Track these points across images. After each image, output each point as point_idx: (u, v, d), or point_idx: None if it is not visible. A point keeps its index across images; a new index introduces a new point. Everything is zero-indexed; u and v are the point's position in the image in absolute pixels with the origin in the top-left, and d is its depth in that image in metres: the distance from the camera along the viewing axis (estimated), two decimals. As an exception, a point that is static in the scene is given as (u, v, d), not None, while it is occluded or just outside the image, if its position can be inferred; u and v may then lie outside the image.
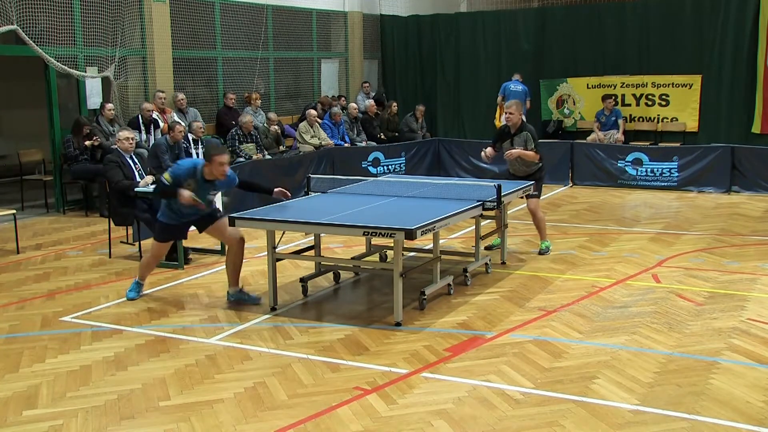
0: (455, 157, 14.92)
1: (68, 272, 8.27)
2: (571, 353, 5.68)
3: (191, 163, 7.04)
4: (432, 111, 17.16)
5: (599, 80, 15.88)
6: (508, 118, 8.60)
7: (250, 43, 14.65)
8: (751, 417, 4.61)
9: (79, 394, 5.08)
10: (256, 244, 9.35)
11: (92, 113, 12.01)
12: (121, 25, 12.19)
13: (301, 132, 13.60)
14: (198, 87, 13.85)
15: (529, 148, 8.44)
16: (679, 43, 15.03)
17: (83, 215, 11.49)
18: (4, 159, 14.43)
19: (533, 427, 4.52)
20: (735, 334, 6.03)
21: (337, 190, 8.09)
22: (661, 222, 10.57)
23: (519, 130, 8.51)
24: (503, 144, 8.66)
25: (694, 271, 7.92)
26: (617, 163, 13.57)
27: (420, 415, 4.69)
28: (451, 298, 7.07)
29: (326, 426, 4.58)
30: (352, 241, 9.18)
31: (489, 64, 16.98)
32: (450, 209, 6.79)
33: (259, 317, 6.61)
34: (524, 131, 8.50)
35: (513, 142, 8.53)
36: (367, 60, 17.66)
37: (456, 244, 9.29)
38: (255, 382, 5.21)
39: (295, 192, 11.61)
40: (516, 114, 8.49)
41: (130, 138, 8.75)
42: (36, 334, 6.29)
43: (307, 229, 7.13)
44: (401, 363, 5.52)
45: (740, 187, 12.80)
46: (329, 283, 7.70)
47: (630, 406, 4.77)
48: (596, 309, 6.71)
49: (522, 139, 8.47)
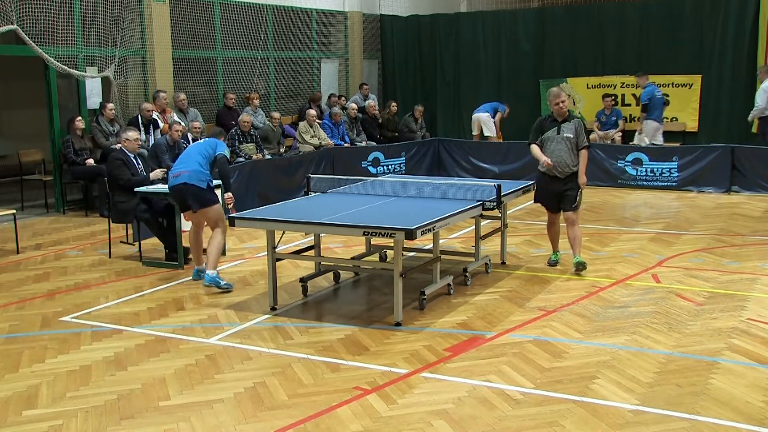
0: (455, 157, 14.93)
1: (68, 272, 8.27)
2: (571, 353, 5.68)
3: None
4: (432, 111, 17.15)
5: (599, 80, 15.86)
6: (560, 107, 7.79)
7: (250, 43, 14.64)
8: (751, 417, 4.61)
9: (79, 394, 5.08)
10: (256, 244, 9.36)
11: (92, 113, 12.01)
12: (121, 25, 12.19)
13: (301, 132, 13.60)
14: (198, 87, 13.84)
15: (581, 143, 7.77)
16: (679, 43, 15.02)
17: (83, 215, 11.49)
18: (4, 159, 14.43)
19: (533, 427, 4.52)
20: (735, 334, 6.03)
21: (337, 190, 8.09)
22: (661, 222, 10.57)
23: (566, 119, 7.83)
24: (549, 134, 7.85)
25: (694, 271, 7.92)
26: (617, 163, 13.57)
27: (420, 415, 4.69)
28: (451, 298, 7.07)
29: (326, 426, 4.58)
30: (352, 241, 9.18)
31: (489, 64, 16.98)
32: (450, 209, 6.78)
33: (259, 317, 6.61)
34: (574, 119, 7.87)
35: (561, 130, 7.77)
36: (366, 60, 17.65)
37: (456, 244, 9.29)
38: (255, 382, 5.21)
39: (295, 192, 11.69)
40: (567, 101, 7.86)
41: (138, 139, 8.83)
42: (36, 334, 6.29)
43: (307, 229, 7.13)
44: (401, 363, 5.52)
45: (740, 187, 12.81)
46: (329, 283, 7.70)
47: (630, 406, 4.77)
48: (596, 309, 6.71)
49: (573, 126, 7.77)
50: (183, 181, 7.53)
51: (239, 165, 11.53)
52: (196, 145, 7.93)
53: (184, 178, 7.53)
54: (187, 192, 7.52)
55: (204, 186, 7.53)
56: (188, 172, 7.53)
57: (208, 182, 7.58)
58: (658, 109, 14.00)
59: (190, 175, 7.52)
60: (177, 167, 7.73)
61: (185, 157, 7.77)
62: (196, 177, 7.52)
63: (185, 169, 7.58)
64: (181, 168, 7.63)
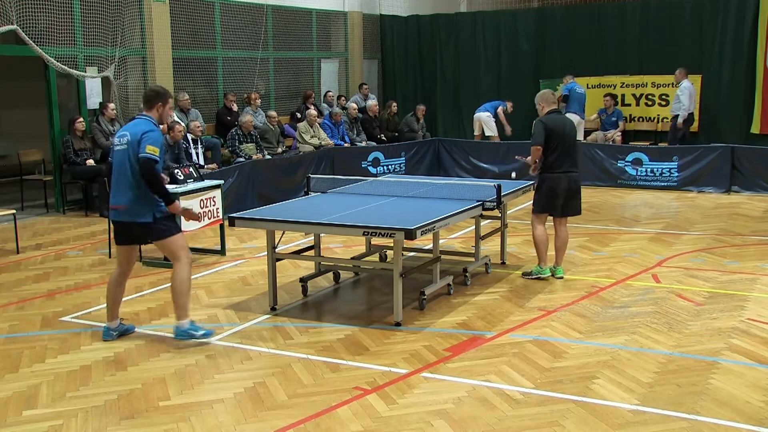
0: (455, 157, 14.94)
1: (68, 272, 8.27)
2: (571, 353, 5.68)
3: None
4: (432, 111, 17.15)
5: (599, 80, 15.87)
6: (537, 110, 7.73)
7: (250, 43, 14.65)
8: (751, 417, 4.61)
9: (79, 394, 5.08)
10: (256, 244, 9.36)
11: (92, 113, 12.01)
12: (121, 25, 12.19)
13: (301, 132, 13.60)
14: (198, 87, 13.84)
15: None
16: (679, 43, 15.02)
17: (83, 215, 11.49)
18: (4, 159, 14.44)
19: (533, 427, 4.52)
20: (735, 334, 6.04)
21: (337, 190, 8.09)
22: (661, 222, 10.57)
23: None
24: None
25: (694, 271, 7.92)
26: (617, 163, 13.58)
27: (420, 415, 4.69)
28: (451, 298, 7.07)
29: (326, 426, 4.58)
30: (352, 241, 9.18)
31: (489, 64, 16.98)
32: (450, 209, 6.78)
33: (259, 317, 6.62)
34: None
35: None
36: (367, 60, 17.65)
37: (456, 244, 9.29)
38: (255, 382, 5.21)
39: (295, 192, 11.69)
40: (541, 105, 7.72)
41: None
42: (36, 334, 6.29)
43: (307, 229, 7.13)
44: (401, 363, 5.52)
45: (740, 187, 12.81)
46: (329, 283, 7.70)
47: (630, 406, 4.77)
48: (596, 309, 6.71)
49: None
50: (120, 219, 5.87)
51: (239, 165, 11.54)
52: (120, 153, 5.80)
53: (121, 215, 5.83)
54: (132, 231, 5.92)
55: (150, 219, 5.77)
56: (124, 208, 5.78)
57: (153, 213, 5.79)
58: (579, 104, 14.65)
59: (128, 211, 5.78)
60: (112, 193, 5.92)
61: (116, 177, 5.86)
62: (133, 211, 5.77)
63: (119, 202, 5.82)
64: (116, 199, 5.85)
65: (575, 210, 7.67)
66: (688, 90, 13.82)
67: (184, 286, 5.83)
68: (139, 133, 5.74)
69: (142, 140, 5.69)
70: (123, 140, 5.80)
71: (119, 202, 5.82)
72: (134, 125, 5.89)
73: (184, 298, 5.85)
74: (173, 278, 5.85)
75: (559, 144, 7.45)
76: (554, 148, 7.45)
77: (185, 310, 5.89)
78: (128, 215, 5.79)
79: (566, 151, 7.48)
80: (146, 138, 5.70)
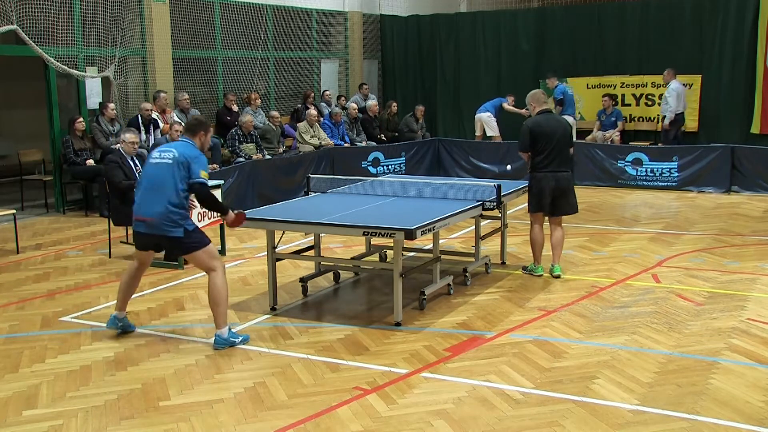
0: (455, 157, 14.94)
1: (68, 272, 8.27)
2: (571, 353, 5.68)
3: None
4: (432, 111, 17.15)
5: (599, 80, 15.86)
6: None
7: (250, 43, 14.65)
8: (751, 417, 4.61)
9: (79, 394, 5.08)
10: (256, 244, 9.36)
11: (92, 113, 12.01)
12: (121, 25, 12.19)
13: (301, 132, 13.60)
14: (198, 87, 13.84)
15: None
16: (679, 43, 15.01)
17: (83, 215, 11.49)
18: (4, 159, 14.44)
19: (533, 427, 4.52)
20: (735, 334, 6.04)
21: (337, 190, 8.09)
22: (661, 222, 10.57)
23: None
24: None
25: (694, 271, 7.92)
26: (617, 163, 13.58)
27: (420, 415, 4.69)
28: (451, 298, 7.07)
29: (326, 426, 4.58)
30: (352, 241, 9.18)
31: (489, 64, 16.98)
32: (450, 209, 6.78)
33: (259, 317, 6.62)
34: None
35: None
36: (367, 60, 17.65)
37: (456, 244, 9.29)
38: (255, 382, 5.21)
39: (295, 192, 11.69)
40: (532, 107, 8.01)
41: (135, 142, 8.78)
42: (36, 334, 6.29)
43: (307, 229, 7.13)
44: (401, 363, 5.52)
45: (740, 187, 12.82)
46: (329, 283, 7.70)
47: (630, 406, 4.77)
48: (596, 309, 6.71)
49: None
50: (148, 232, 5.78)
51: (239, 165, 11.54)
52: (163, 167, 5.74)
53: (150, 228, 5.75)
54: (160, 244, 6.02)
55: (181, 234, 5.70)
56: (153, 221, 5.69)
57: (185, 226, 5.72)
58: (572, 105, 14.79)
59: (158, 225, 5.69)
60: (140, 204, 5.82)
61: (149, 189, 5.77)
62: (164, 226, 5.69)
63: (147, 214, 5.72)
64: (144, 211, 5.75)
65: (567, 209, 7.69)
66: (675, 91, 13.80)
67: (222, 296, 5.78)
68: (188, 155, 5.75)
69: (194, 163, 5.73)
70: (167, 155, 5.78)
71: (148, 214, 5.74)
72: (182, 146, 5.87)
73: (223, 306, 5.80)
74: (210, 288, 5.79)
75: (547, 144, 7.51)
76: (542, 149, 7.52)
77: (224, 318, 5.84)
78: (158, 229, 5.72)
79: (554, 151, 7.52)
80: (199, 162, 5.77)
